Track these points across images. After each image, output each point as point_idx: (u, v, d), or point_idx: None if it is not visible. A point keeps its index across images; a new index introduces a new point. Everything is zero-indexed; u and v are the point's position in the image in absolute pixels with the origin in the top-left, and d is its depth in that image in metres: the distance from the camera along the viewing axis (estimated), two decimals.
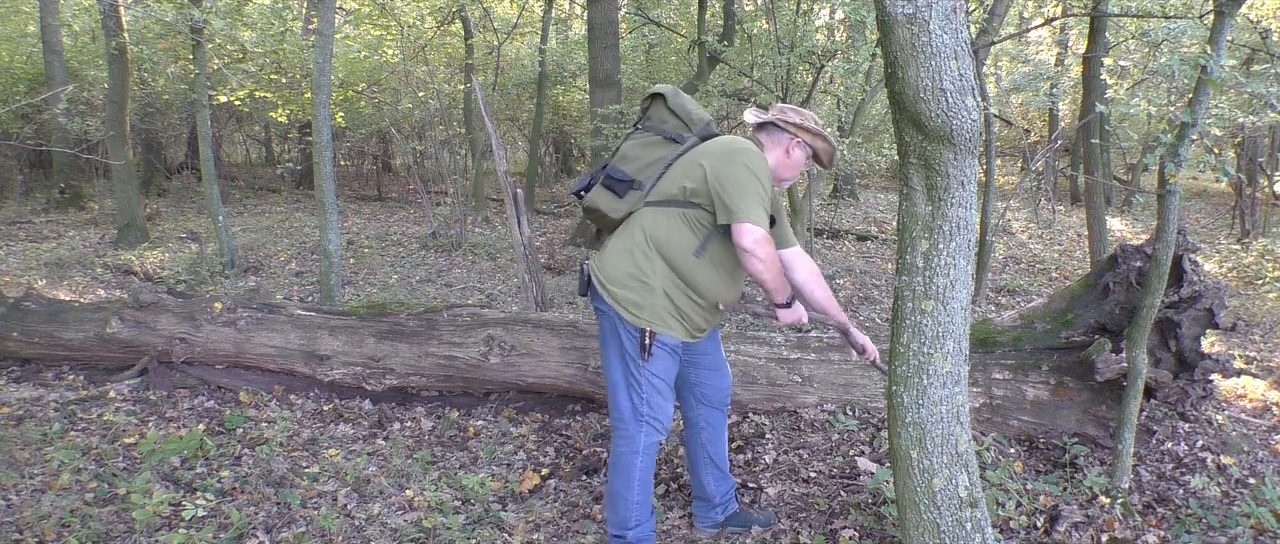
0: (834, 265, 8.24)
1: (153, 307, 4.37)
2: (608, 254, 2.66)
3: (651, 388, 2.62)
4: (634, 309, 2.57)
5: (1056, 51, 14.61)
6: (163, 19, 8.39)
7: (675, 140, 2.67)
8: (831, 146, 2.74)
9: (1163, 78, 9.85)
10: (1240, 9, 3.16)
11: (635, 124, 2.79)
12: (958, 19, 1.95)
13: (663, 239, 2.58)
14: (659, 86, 2.77)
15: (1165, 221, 2.98)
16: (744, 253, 2.42)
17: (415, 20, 11.15)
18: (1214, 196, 13.55)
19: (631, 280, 2.58)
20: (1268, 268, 7.75)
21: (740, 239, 2.41)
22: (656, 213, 2.61)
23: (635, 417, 2.63)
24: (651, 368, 2.60)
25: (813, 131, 2.69)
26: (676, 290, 2.60)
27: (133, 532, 2.92)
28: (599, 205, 2.69)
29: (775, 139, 2.70)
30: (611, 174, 2.68)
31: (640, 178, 2.66)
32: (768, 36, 6.40)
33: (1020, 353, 3.74)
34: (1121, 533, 2.90)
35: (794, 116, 2.69)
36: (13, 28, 12.30)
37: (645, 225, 2.61)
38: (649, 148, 2.69)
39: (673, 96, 2.71)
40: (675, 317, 2.61)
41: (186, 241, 9.01)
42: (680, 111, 2.69)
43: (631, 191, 2.66)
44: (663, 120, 2.70)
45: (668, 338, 2.60)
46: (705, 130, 2.69)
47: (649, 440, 2.65)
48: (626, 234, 2.65)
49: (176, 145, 14.36)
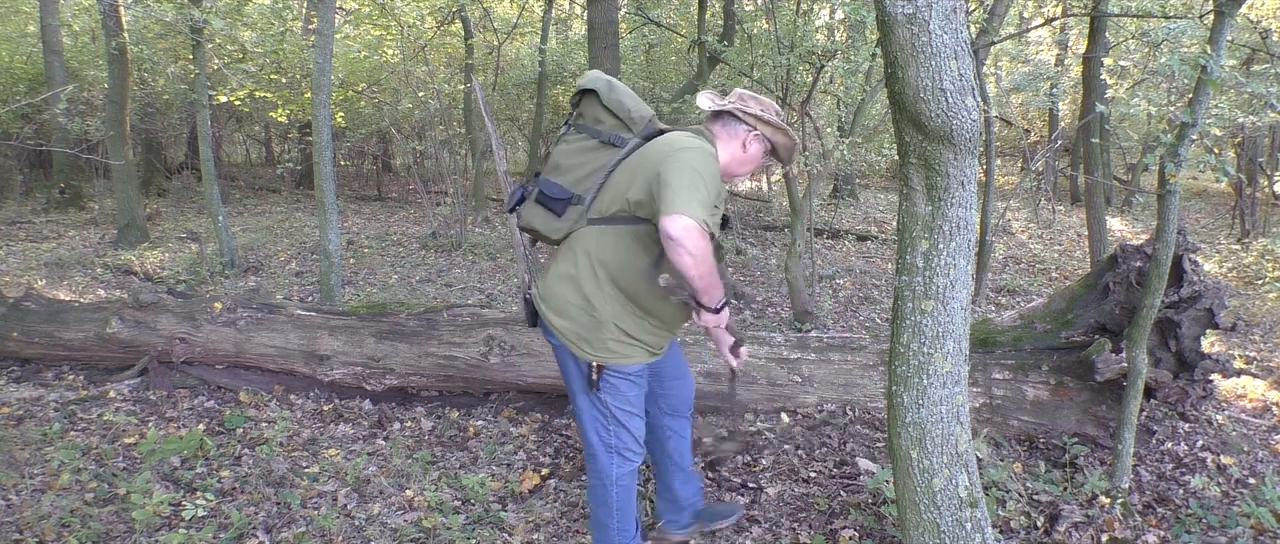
0: (834, 265, 8.24)
1: (153, 306, 4.37)
2: (550, 281, 2.38)
3: (616, 422, 2.41)
4: (582, 344, 2.34)
5: (1056, 51, 14.61)
6: (163, 19, 8.39)
7: (613, 143, 2.35)
8: (792, 142, 2.48)
9: (1163, 78, 9.84)
10: (1240, 9, 3.16)
11: (567, 123, 2.46)
12: (958, 19, 1.95)
13: (612, 263, 2.30)
14: (591, 78, 2.40)
15: (1165, 221, 2.98)
16: (670, 242, 2.05)
17: (415, 20, 11.14)
18: (1214, 196, 13.55)
19: (579, 312, 2.32)
20: (1268, 268, 7.75)
21: (668, 227, 2.04)
22: (602, 232, 2.31)
23: (605, 449, 2.45)
24: (615, 400, 2.39)
25: (773, 125, 2.42)
26: (630, 317, 2.33)
27: (133, 532, 2.92)
28: (535, 225, 2.39)
29: (732, 130, 2.42)
30: (546, 190, 2.34)
31: (579, 191, 2.33)
32: (768, 36, 6.41)
33: (1020, 353, 3.74)
34: (1121, 533, 2.90)
35: (754, 107, 2.41)
36: (13, 28, 12.30)
37: (590, 248, 2.31)
38: (586, 154, 2.36)
39: (607, 91, 2.37)
40: (630, 344, 2.36)
41: (186, 241, 9.01)
42: (617, 109, 2.37)
43: (571, 208, 2.33)
44: (598, 120, 2.39)
45: (628, 367, 2.37)
46: (648, 129, 2.38)
47: (622, 471, 2.48)
48: (569, 257, 2.35)
49: (176, 145, 14.36)
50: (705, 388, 3.93)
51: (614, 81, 2.41)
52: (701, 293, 2.20)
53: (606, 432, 2.43)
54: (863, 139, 7.89)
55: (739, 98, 2.43)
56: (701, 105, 2.45)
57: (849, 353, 3.95)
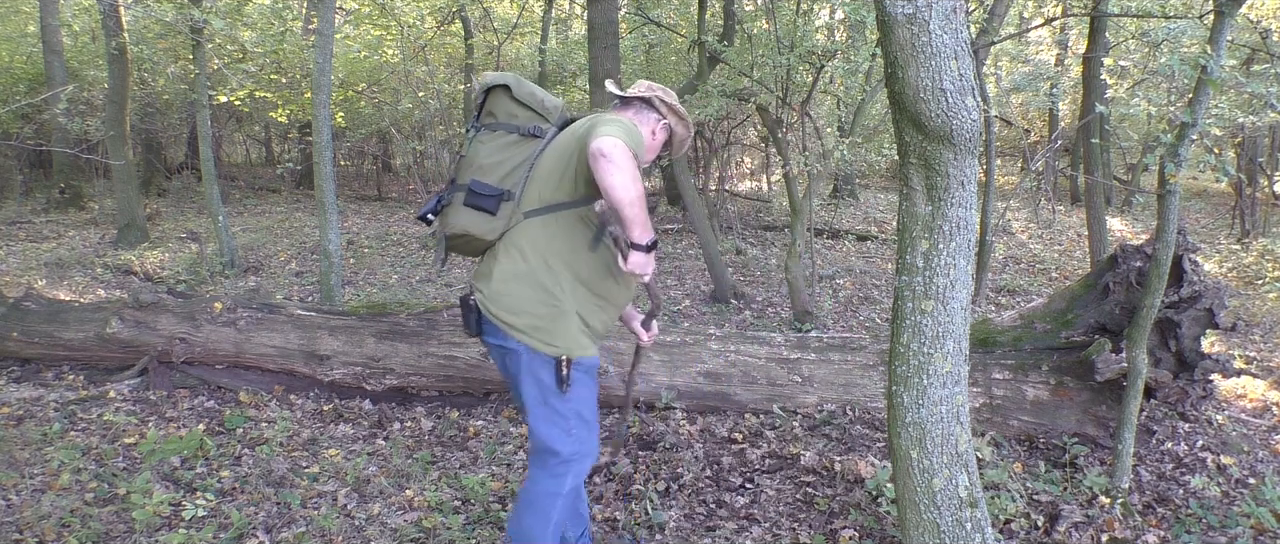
0: (834, 265, 8.24)
1: (153, 307, 4.37)
2: (498, 282, 2.26)
3: (578, 419, 2.28)
4: (546, 338, 2.22)
5: (1056, 51, 14.61)
6: (163, 19, 8.39)
7: (534, 135, 2.32)
8: (689, 132, 2.47)
9: (1163, 78, 9.85)
10: (1240, 9, 3.16)
11: (473, 124, 2.39)
12: (958, 19, 1.95)
13: (563, 251, 2.24)
14: (497, 76, 2.36)
15: (1165, 221, 2.98)
16: (598, 159, 1.98)
17: (415, 20, 11.15)
18: (1214, 196, 13.55)
19: (539, 306, 2.23)
20: (1268, 268, 7.75)
21: (596, 146, 1.97)
22: (544, 222, 2.26)
23: (562, 457, 2.28)
24: (575, 399, 2.26)
25: (680, 115, 2.42)
26: (588, 303, 2.28)
27: (133, 532, 2.92)
28: (468, 230, 2.28)
29: (644, 117, 2.40)
30: (476, 189, 2.27)
31: (508, 186, 2.28)
32: (768, 36, 6.40)
33: (1020, 353, 3.74)
34: (1121, 533, 2.90)
35: (667, 97, 2.41)
36: (13, 28, 12.30)
37: (536, 240, 2.25)
38: (508, 149, 2.30)
39: (518, 86, 2.33)
40: (588, 333, 2.30)
41: (186, 241, 9.01)
42: (531, 101, 2.33)
43: (504, 205, 2.27)
44: (512, 115, 2.34)
45: (585, 359, 2.27)
46: (563, 118, 2.36)
47: (577, 481, 2.33)
48: (513, 255, 2.26)
49: (176, 145, 14.36)
50: (705, 388, 3.93)
51: (520, 78, 2.38)
52: (631, 224, 2.06)
53: (569, 437, 2.28)
54: (863, 139, 7.88)
55: (649, 87, 2.42)
56: (609, 89, 2.46)
57: (849, 353, 3.95)
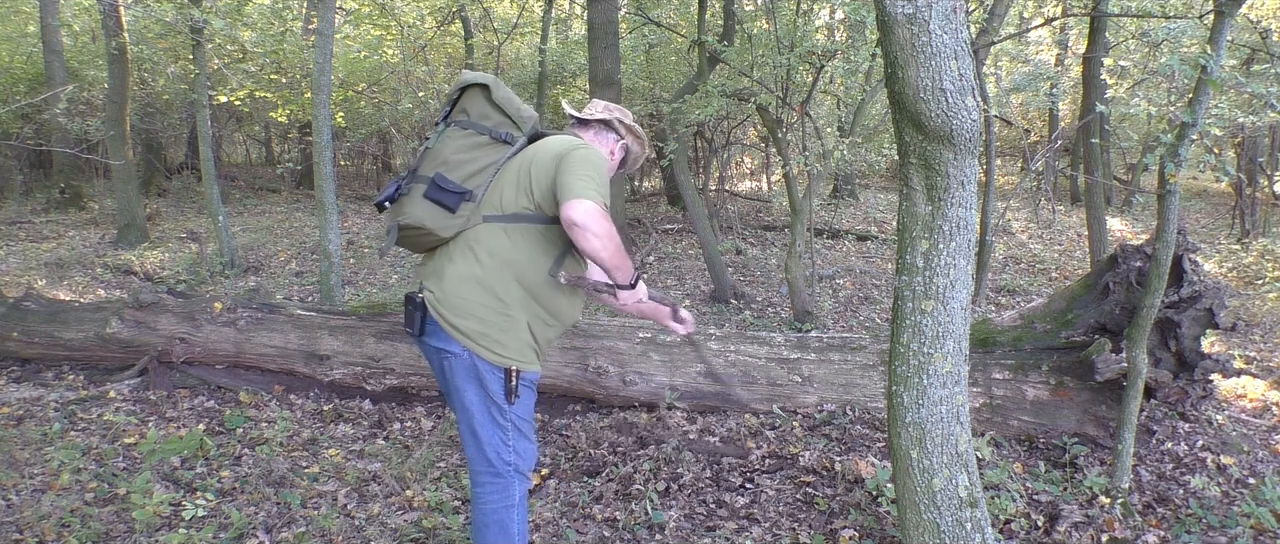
0: (834, 265, 8.24)
1: (153, 306, 4.37)
2: (450, 282, 2.23)
3: (518, 432, 2.27)
4: (496, 347, 2.20)
5: (1056, 51, 14.61)
6: (163, 19, 8.39)
7: (504, 140, 2.29)
8: (644, 150, 2.50)
9: (1163, 78, 9.84)
10: (1240, 9, 3.16)
11: (444, 118, 2.36)
12: (958, 19, 1.95)
13: (517, 260, 2.22)
14: (477, 74, 2.35)
15: (1165, 221, 2.98)
16: (575, 228, 2.03)
17: (415, 20, 11.14)
18: (1214, 196, 13.55)
19: (491, 313, 2.20)
20: (1268, 268, 7.75)
21: (571, 213, 2.02)
22: (502, 230, 2.23)
23: (506, 467, 2.27)
24: (518, 410, 2.26)
25: (637, 135, 2.45)
26: (537, 317, 2.26)
27: (133, 532, 2.92)
28: (424, 223, 2.23)
29: (603, 138, 2.44)
30: (440, 183, 2.23)
31: (471, 187, 2.25)
32: (768, 36, 6.40)
33: (1020, 353, 3.74)
34: (1121, 533, 2.90)
35: (625, 117, 2.45)
36: (13, 28, 12.29)
37: (494, 246, 2.22)
38: (476, 150, 2.28)
39: (497, 88, 2.32)
40: (533, 347, 2.28)
41: (186, 241, 9.01)
42: (506, 106, 2.31)
43: (464, 204, 2.24)
44: (485, 116, 2.31)
45: (531, 373, 2.27)
46: (535, 130, 2.35)
47: (523, 490, 2.31)
48: (467, 257, 2.23)
49: (176, 145, 14.36)
50: (705, 388, 3.93)
51: (500, 80, 2.37)
52: (614, 272, 2.14)
53: (506, 448, 2.26)
54: (863, 139, 7.88)
55: (607, 108, 2.45)
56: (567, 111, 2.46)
57: (849, 353, 3.95)
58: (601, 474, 3.41)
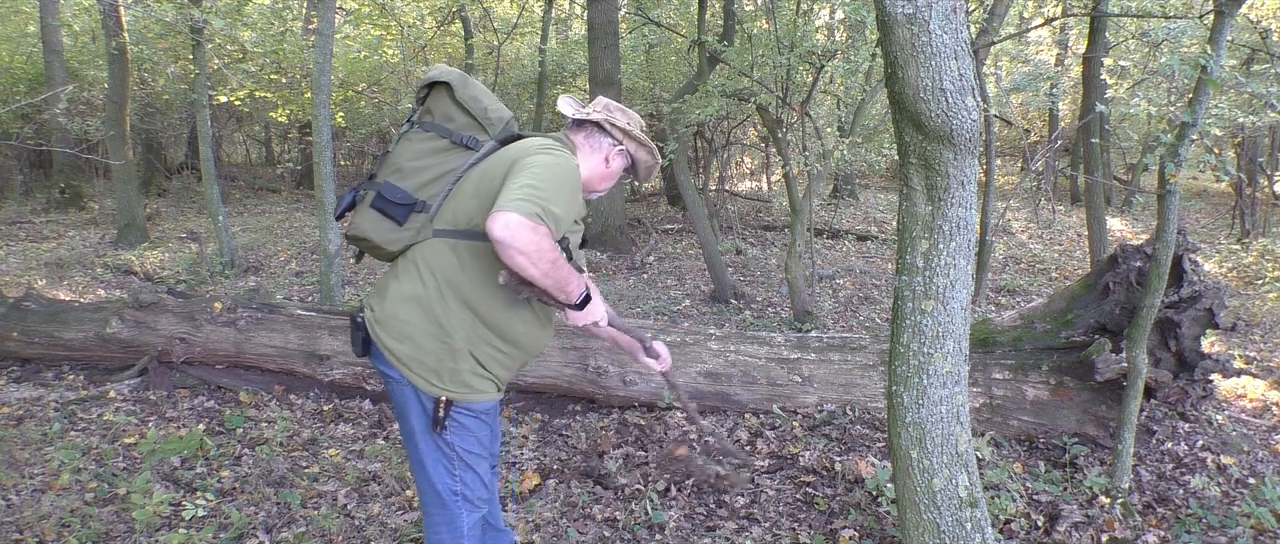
0: (834, 265, 8.24)
1: (153, 306, 4.37)
2: (390, 302, 2.05)
3: (464, 464, 2.09)
4: (430, 376, 2.01)
5: (1056, 51, 14.61)
6: (163, 19, 8.39)
7: (466, 145, 2.07)
8: (655, 160, 2.25)
9: (1163, 78, 9.85)
10: (1240, 9, 3.17)
11: (409, 119, 2.17)
12: (958, 19, 1.95)
13: (464, 283, 2.00)
14: (442, 70, 2.14)
15: (1165, 221, 2.98)
16: (497, 245, 1.76)
17: (415, 20, 11.15)
18: (1214, 196, 13.55)
19: (429, 339, 2.01)
20: (1268, 268, 7.75)
21: (491, 228, 1.75)
22: (454, 248, 2.01)
23: (453, 497, 2.11)
24: (463, 440, 2.07)
25: (638, 140, 2.20)
26: (485, 345, 2.04)
27: (133, 532, 2.92)
28: (369, 235, 2.06)
29: (595, 142, 2.18)
30: (385, 194, 2.04)
31: (424, 197, 2.05)
32: (768, 36, 6.40)
33: (1020, 353, 3.74)
34: (1121, 533, 2.90)
35: (621, 120, 2.19)
36: (13, 28, 12.29)
37: (438, 265, 2.02)
38: (434, 156, 2.07)
39: (461, 85, 2.10)
40: (484, 376, 2.06)
41: (186, 241, 9.01)
42: (472, 106, 2.09)
43: (414, 215, 2.04)
44: (449, 118, 2.10)
45: (479, 404, 2.07)
46: (506, 132, 2.11)
47: (472, 520, 2.15)
48: (412, 274, 2.04)
49: (176, 145, 14.36)
50: (705, 388, 3.93)
51: (468, 77, 2.14)
52: (554, 291, 1.91)
53: (452, 477, 2.09)
54: (863, 139, 7.88)
55: (606, 108, 2.21)
56: (562, 110, 2.21)
57: (849, 353, 3.96)
58: (601, 474, 3.41)
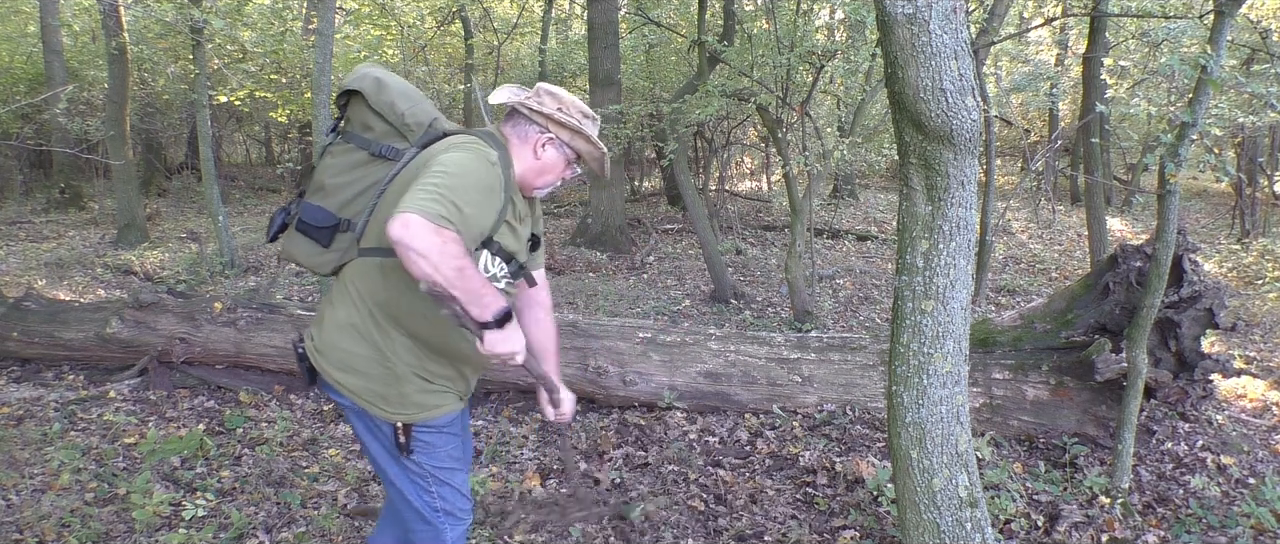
0: (834, 265, 8.24)
1: (153, 306, 4.37)
2: (328, 331, 1.92)
3: (437, 481, 1.97)
4: (381, 402, 1.89)
5: (1056, 51, 14.62)
6: (163, 19, 8.39)
7: (386, 156, 1.91)
8: (597, 149, 2.00)
9: (1163, 78, 9.85)
10: (1240, 9, 3.17)
11: (333, 129, 2.01)
12: (958, 19, 1.95)
13: (392, 303, 1.85)
14: (356, 76, 1.95)
15: (1165, 221, 2.98)
16: (397, 247, 1.60)
17: (415, 20, 11.15)
18: (1214, 196, 13.55)
19: (370, 365, 1.88)
20: (1268, 268, 7.75)
21: (390, 229, 1.58)
22: (380, 267, 1.85)
23: (434, 513, 1.99)
24: (431, 459, 1.95)
25: (569, 127, 1.94)
26: (430, 363, 1.91)
27: (133, 532, 2.92)
28: (297, 258, 1.96)
29: (522, 132, 1.95)
30: (306, 217, 1.92)
31: (347, 215, 1.91)
32: (768, 36, 6.40)
33: (1020, 353, 3.74)
34: (1121, 533, 2.90)
35: (548, 104, 1.95)
36: (13, 28, 12.29)
37: (364, 288, 1.87)
38: (356, 170, 1.92)
39: (375, 92, 1.91)
40: (436, 391, 1.94)
41: (186, 241, 9.01)
42: (387, 113, 1.91)
43: (339, 235, 1.92)
44: (367, 127, 1.93)
45: (439, 419, 1.94)
46: (429, 135, 1.92)
47: (455, 533, 2.04)
48: (345, 299, 1.90)
49: (176, 145, 14.36)
50: (705, 388, 3.93)
51: (386, 78, 1.94)
52: (466, 302, 1.66)
53: (429, 495, 1.98)
54: (863, 139, 7.88)
55: (535, 92, 1.99)
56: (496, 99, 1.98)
57: (849, 353, 3.96)
58: (601, 474, 3.41)
